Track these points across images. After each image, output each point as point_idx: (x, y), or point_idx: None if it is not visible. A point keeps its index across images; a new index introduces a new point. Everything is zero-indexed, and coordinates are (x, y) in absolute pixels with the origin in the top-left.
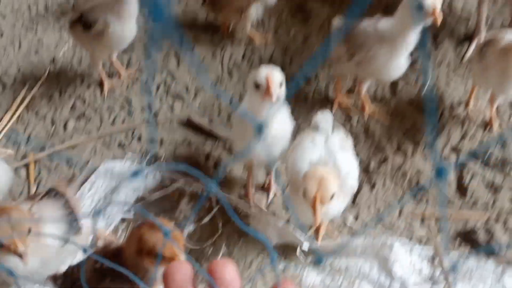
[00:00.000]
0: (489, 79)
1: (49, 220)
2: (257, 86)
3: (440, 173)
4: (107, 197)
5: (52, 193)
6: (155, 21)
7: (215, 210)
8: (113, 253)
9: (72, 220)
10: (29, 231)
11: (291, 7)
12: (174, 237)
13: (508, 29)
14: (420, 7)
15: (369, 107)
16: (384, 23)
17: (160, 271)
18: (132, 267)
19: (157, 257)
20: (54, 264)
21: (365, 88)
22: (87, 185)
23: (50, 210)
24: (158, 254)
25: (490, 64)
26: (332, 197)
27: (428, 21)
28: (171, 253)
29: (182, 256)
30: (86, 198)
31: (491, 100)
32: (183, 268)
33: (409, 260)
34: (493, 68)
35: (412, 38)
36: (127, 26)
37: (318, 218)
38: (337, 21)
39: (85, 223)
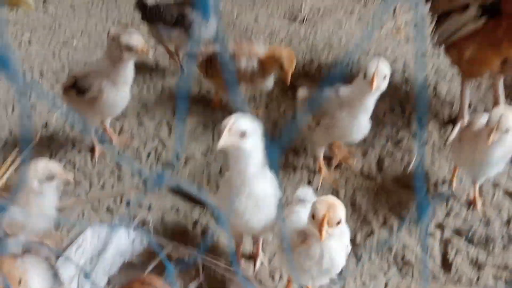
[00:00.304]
0: (464, 160)
1: (35, 272)
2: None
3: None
4: (94, 259)
5: (31, 250)
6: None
7: (201, 278)
8: None
9: (54, 273)
10: (20, 282)
11: (281, 85)
12: None
13: (484, 113)
14: (364, 76)
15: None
16: (344, 91)
17: None
18: None
19: None
20: None
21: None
22: (73, 247)
23: (33, 264)
24: None
25: (465, 147)
26: (338, 223)
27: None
28: None
29: None
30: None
31: (474, 180)
32: None
33: None
34: (467, 151)
35: (370, 103)
36: (120, 93)
37: (324, 236)
38: (301, 91)
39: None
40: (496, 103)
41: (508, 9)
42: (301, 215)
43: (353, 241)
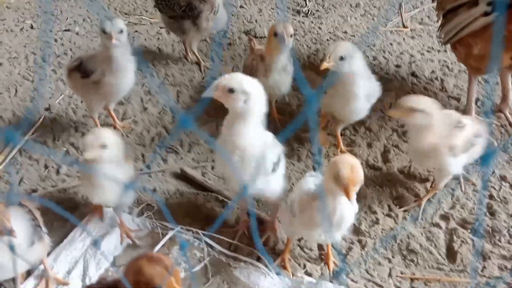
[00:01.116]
0: None
1: (16, 219)
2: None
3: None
4: (99, 241)
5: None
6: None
7: (206, 260)
8: (108, 286)
9: (35, 225)
10: None
11: None
12: (173, 272)
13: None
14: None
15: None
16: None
17: None
18: None
19: None
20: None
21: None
22: (78, 228)
23: (16, 214)
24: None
25: None
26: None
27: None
28: (171, 287)
29: None
30: (78, 241)
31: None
32: None
33: None
34: None
35: (360, 84)
36: (122, 78)
37: (352, 198)
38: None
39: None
40: (504, 98)
41: None
42: (309, 180)
43: (358, 229)
